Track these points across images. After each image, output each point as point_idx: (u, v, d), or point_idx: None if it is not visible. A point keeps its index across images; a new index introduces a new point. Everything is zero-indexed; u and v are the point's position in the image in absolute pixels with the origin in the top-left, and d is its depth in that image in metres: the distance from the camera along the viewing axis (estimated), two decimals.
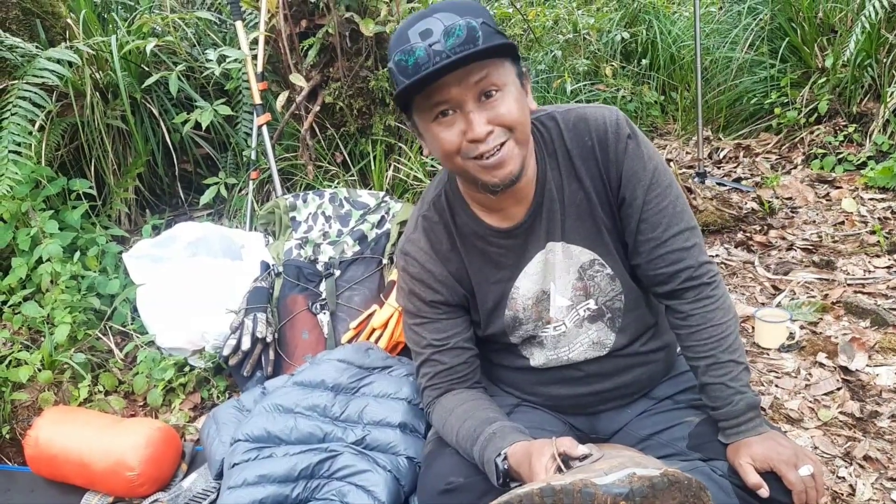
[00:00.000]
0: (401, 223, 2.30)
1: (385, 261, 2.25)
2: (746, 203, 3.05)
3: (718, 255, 2.72)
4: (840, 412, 1.81)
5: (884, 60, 3.17)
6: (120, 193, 2.84)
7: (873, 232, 2.67)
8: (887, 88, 3.13)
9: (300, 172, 2.85)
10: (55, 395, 2.09)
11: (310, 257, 2.30)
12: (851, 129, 3.27)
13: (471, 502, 1.24)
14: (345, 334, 2.07)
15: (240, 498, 1.52)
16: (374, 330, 2.00)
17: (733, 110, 3.94)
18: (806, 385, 1.93)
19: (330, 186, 2.66)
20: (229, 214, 2.95)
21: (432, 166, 2.70)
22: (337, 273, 2.24)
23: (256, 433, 1.64)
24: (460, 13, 1.10)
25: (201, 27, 3.23)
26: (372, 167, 2.75)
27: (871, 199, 2.93)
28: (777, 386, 1.94)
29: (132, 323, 2.32)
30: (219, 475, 1.70)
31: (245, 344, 2.01)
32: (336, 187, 2.54)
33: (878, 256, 2.52)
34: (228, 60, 2.57)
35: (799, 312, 2.23)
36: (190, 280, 2.18)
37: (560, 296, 1.34)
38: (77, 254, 2.32)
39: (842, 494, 1.57)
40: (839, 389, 1.89)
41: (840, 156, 3.24)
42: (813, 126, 3.44)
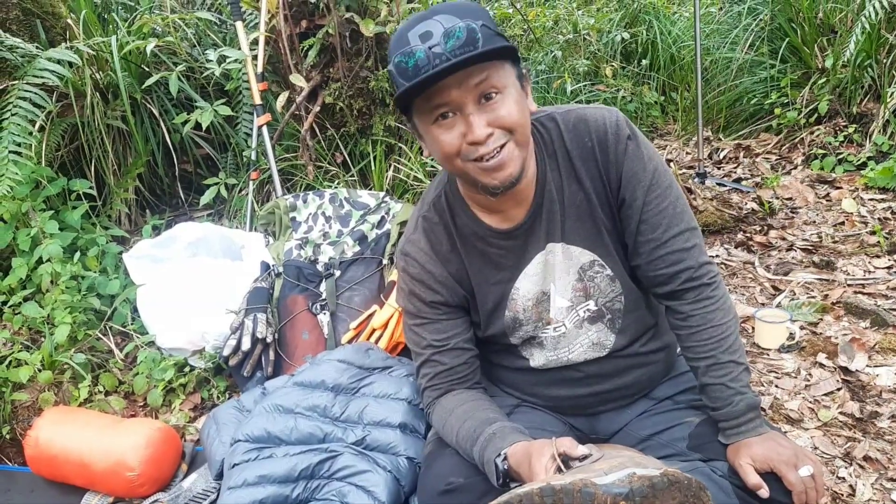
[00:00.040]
0: (401, 223, 2.29)
1: (385, 261, 2.25)
2: (746, 203, 3.05)
3: (718, 256, 2.72)
4: (840, 412, 1.81)
5: (884, 61, 3.17)
6: (120, 194, 2.84)
7: (873, 232, 2.67)
8: (887, 89, 3.13)
9: (300, 173, 2.85)
10: (55, 396, 2.09)
11: (310, 258, 2.30)
12: (851, 130, 3.27)
13: (471, 502, 1.24)
14: (345, 335, 2.07)
15: (240, 498, 1.52)
16: (375, 330, 2.00)
17: (733, 111, 3.94)
18: (806, 385, 1.93)
19: (330, 187, 2.66)
20: (229, 215, 2.95)
21: (432, 167, 2.70)
22: (337, 273, 2.24)
23: (256, 433, 1.64)
24: (460, 15, 1.09)
25: (201, 27, 3.23)
26: (372, 167, 2.75)
27: (871, 200, 2.93)
28: (777, 386, 1.94)
29: (132, 323, 2.33)
30: (219, 475, 1.70)
31: (245, 344, 2.02)
32: (336, 188, 2.54)
33: (878, 257, 2.52)
34: (229, 61, 2.57)
35: (799, 313, 2.24)
36: (190, 280, 2.18)
37: (560, 297, 1.34)
38: (77, 254, 2.32)
39: (842, 495, 1.57)
40: (839, 390, 1.89)
41: (840, 156, 3.24)
42: (813, 126, 3.43)
